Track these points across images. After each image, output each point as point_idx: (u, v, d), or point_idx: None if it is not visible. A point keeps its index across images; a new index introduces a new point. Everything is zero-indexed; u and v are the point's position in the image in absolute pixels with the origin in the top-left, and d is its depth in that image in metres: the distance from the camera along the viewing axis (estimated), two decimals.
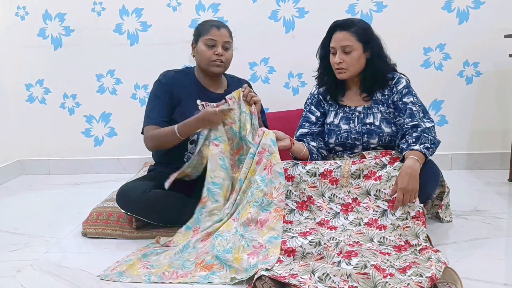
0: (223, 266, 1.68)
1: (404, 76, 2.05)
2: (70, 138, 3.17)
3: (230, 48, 2.11)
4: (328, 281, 1.51)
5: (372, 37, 2.00)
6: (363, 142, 2.03)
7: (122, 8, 2.99)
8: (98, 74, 3.09)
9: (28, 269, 1.78)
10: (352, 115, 2.06)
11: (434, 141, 1.92)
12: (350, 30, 1.97)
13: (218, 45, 2.05)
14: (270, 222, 1.79)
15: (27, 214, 2.41)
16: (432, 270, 1.52)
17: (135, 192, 2.01)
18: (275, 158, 1.89)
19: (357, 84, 2.07)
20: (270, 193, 1.85)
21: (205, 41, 2.06)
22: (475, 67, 2.88)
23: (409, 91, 2.00)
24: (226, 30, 2.09)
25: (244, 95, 2.03)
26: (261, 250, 1.71)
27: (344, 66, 1.98)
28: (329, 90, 2.11)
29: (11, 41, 3.08)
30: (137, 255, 1.83)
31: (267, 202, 1.84)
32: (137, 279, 1.67)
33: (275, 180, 1.86)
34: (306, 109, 2.17)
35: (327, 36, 2.04)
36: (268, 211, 1.83)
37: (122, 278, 1.67)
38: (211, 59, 2.05)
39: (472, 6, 2.81)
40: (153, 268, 1.72)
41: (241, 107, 2.04)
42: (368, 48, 1.98)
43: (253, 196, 1.85)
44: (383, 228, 1.82)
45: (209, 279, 1.64)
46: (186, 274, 1.68)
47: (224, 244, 1.76)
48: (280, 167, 1.88)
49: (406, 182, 1.80)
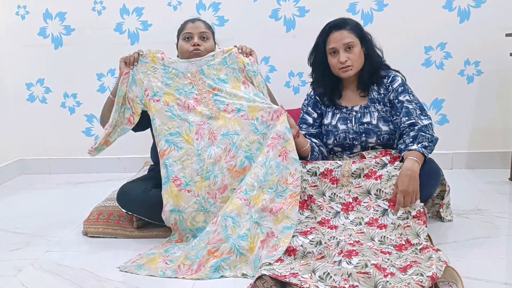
0: (234, 251, 1.70)
1: (399, 74, 2.05)
2: (70, 137, 3.17)
3: (209, 38, 2.12)
4: (329, 280, 1.51)
5: (364, 33, 2.05)
6: (362, 141, 2.03)
7: (123, 7, 2.99)
8: (98, 73, 3.09)
9: (29, 268, 1.78)
10: (349, 115, 2.06)
11: (432, 139, 1.91)
12: (346, 28, 1.99)
13: (194, 36, 2.08)
14: (285, 209, 1.80)
15: (27, 213, 2.42)
16: (433, 269, 1.51)
17: (135, 192, 2.02)
18: (290, 145, 1.90)
19: (354, 82, 2.08)
20: (285, 179, 1.86)
21: (183, 36, 2.11)
22: (476, 66, 2.88)
23: (404, 89, 2.00)
24: (201, 23, 2.12)
25: (239, 47, 2.08)
26: (272, 239, 1.73)
27: (349, 64, 1.99)
28: (327, 94, 2.11)
29: (11, 40, 3.08)
30: (160, 249, 1.87)
31: (281, 189, 1.85)
32: (154, 272, 1.71)
33: (291, 166, 1.88)
34: (303, 110, 2.17)
35: (321, 39, 2.04)
36: (284, 197, 1.84)
37: (140, 271, 1.72)
38: (189, 50, 2.08)
39: (473, 5, 2.81)
40: (172, 263, 1.75)
41: (230, 61, 2.06)
42: (363, 43, 2.02)
43: (267, 182, 1.84)
44: (383, 227, 1.82)
45: (220, 272, 1.67)
46: (199, 267, 1.69)
47: (238, 230, 1.75)
48: (295, 153, 1.89)
49: (407, 184, 1.80)
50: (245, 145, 1.93)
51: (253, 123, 1.95)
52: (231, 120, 1.97)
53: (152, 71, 2.02)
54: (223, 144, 1.94)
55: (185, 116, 1.98)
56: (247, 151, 1.93)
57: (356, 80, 2.07)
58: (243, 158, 1.93)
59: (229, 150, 1.94)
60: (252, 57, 2.07)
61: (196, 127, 1.97)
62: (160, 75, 2.02)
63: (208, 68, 2.05)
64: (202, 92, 2.01)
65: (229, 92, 2.02)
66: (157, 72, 2.02)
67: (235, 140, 1.94)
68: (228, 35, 2.83)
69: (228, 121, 1.96)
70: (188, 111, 1.99)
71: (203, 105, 2.00)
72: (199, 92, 2.02)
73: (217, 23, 2.94)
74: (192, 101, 2.00)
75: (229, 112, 1.98)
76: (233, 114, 1.97)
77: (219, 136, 1.95)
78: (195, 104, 2.00)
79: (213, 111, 1.98)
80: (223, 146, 1.94)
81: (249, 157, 1.93)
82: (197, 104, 2.00)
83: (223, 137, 1.95)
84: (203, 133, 1.97)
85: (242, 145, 1.93)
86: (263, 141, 1.94)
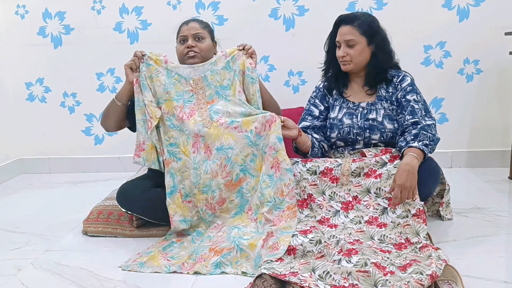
0: (234, 246, 1.73)
1: (409, 74, 2.05)
2: (70, 137, 3.17)
3: (205, 38, 2.10)
4: (329, 279, 1.51)
5: (376, 31, 2.02)
6: (365, 137, 2.03)
7: (122, 7, 2.99)
8: (98, 73, 3.09)
9: (28, 268, 1.78)
10: (355, 111, 2.07)
11: (433, 138, 1.92)
12: (353, 24, 1.99)
13: (188, 38, 2.07)
14: (285, 223, 1.82)
15: (27, 213, 2.42)
16: (433, 268, 1.52)
17: (135, 191, 2.02)
18: (281, 155, 1.89)
19: (362, 78, 2.08)
20: (281, 191, 1.87)
21: (178, 40, 2.12)
22: (475, 64, 2.88)
23: (413, 88, 2.01)
24: (195, 23, 2.11)
25: (241, 45, 2.05)
26: (271, 238, 1.75)
27: (348, 59, 2.01)
28: (332, 81, 2.12)
29: (11, 39, 3.08)
30: (158, 247, 1.89)
31: (279, 201, 1.87)
32: (158, 269, 1.73)
33: (284, 177, 1.88)
34: (310, 102, 2.17)
35: (333, 30, 2.06)
36: (281, 209, 1.85)
37: (143, 268, 1.73)
38: (183, 52, 2.07)
39: (473, 3, 2.81)
40: (174, 259, 1.78)
41: (233, 65, 2.03)
42: (372, 41, 2.00)
43: (264, 196, 1.87)
44: (383, 226, 1.82)
45: (221, 268, 1.69)
46: (200, 260, 1.73)
47: (241, 234, 1.80)
48: (287, 163, 1.89)
49: (404, 178, 1.80)
50: (240, 160, 1.95)
51: (247, 135, 1.95)
52: (224, 133, 1.95)
53: (156, 74, 1.98)
54: (219, 159, 1.94)
55: (182, 127, 1.97)
56: (242, 165, 1.95)
57: (363, 76, 2.08)
58: (239, 171, 1.95)
59: (224, 166, 1.94)
60: (252, 60, 2.04)
61: (192, 140, 1.97)
62: (162, 79, 1.98)
63: (212, 74, 2.03)
64: (200, 103, 2.00)
65: (226, 104, 2.00)
66: (160, 75, 1.98)
67: (230, 155, 1.94)
68: (228, 34, 2.83)
69: (221, 134, 1.95)
70: (182, 122, 1.97)
71: (198, 114, 1.99)
72: (197, 102, 2.00)
73: (217, 22, 2.94)
74: (188, 110, 1.99)
75: (222, 124, 1.96)
76: (226, 125, 1.95)
77: (214, 151, 1.95)
78: (190, 114, 1.98)
79: (206, 122, 1.98)
80: (218, 162, 1.94)
81: (244, 169, 1.96)
82: (191, 115, 1.99)
83: (218, 152, 1.94)
84: (199, 147, 1.97)
85: (238, 160, 1.94)
86: (257, 152, 1.95)
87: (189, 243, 1.90)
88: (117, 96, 2.03)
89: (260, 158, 1.94)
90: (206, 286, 1.62)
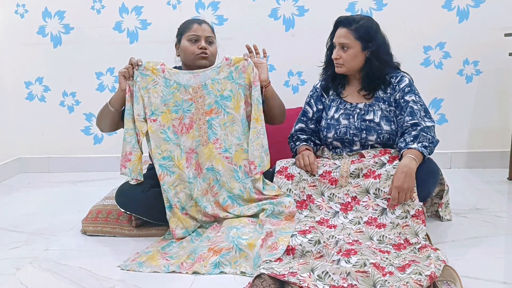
0: (233, 246, 1.73)
1: (407, 75, 2.05)
2: (69, 136, 3.17)
3: (214, 43, 2.10)
4: (328, 279, 1.51)
5: (373, 37, 1.98)
6: (361, 138, 2.03)
7: (122, 6, 2.99)
8: (97, 72, 3.08)
9: (27, 267, 1.78)
10: (352, 112, 2.06)
11: (432, 140, 1.92)
12: (350, 27, 1.97)
13: (201, 39, 2.04)
14: (283, 225, 1.84)
15: (26, 212, 2.42)
16: (432, 268, 1.52)
17: (134, 191, 2.01)
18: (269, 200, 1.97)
19: (359, 80, 2.08)
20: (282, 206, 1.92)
21: (188, 37, 2.05)
22: (475, 65, 2.88)
23: (411, 89, 2.00)
24: (207, 26, 2.10)
25: (247, 55, 1.99)
26: (270, 238, 1.75)
27: (340, 62, 2.00)
28: (329, 81, 2.12)
29: (10, 39, 3.08)
30: (156, 247, 1.89)
31: (278, 212, 1.91)
32: (157, 269, 1.72)
33: (284, 200, 1.93)
34: (306, 101, 2.18)
35: (332, 30, 2.07)
36: (280, 219, 1.89)
37: (142, 268, 1.73)
38: (196, 53, 2.03)
39: (472, 4, 2.81)
40: (173, 259, 1.78)
41: (236, 76, 1.98)
42: (368, 47, 1.98)
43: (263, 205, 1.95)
44: (382, 227, 1.82)
45: (220, 268, 1.69)
46: (199, 260, 1.73)
47: (240, 234, 1.80)
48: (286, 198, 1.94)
49: (402, 180, 1.80)
50: (228, 187, 1.99)
51: (236, 169, 1.98)
52: (216, 157, 1.97)
53: (153, 85, 1.94)
54: (207, 179, 1.99)
55: (178, 141, 1.97)
56: (230, 192, 1.99)
57: (360, 79, 2.06)
58: (226, 197, 1.99)
59: (212, 186, 2.00)
60: (256, 75, 1.96)
61: (186, 154, 1.97)
62: (160, 90, 1.95)
63: (213, 83, 1.98)
64: (198, 113, 1.97)
65: (225, 120, 1.98)
66: (158, 86, 1.95)
67: (218, 178, 1.99)
68: (227, 34, 2.83)
69: (213, 157, 1.97)
70: (181, 135, 1.97)
71: (196, 129, 1.98)
72: (196, 111, 1.98)
73: (216, 22, 2.94)
74: (188, 121, 1.97)
75: (217, 148, 1.98)
76: (219, 151, 1.98)
77: (204, 170, 1.99)
78: (189, 126, 1.97)
79: (203, 140, 1.98)
80: (207, 181, 2.00)
81: (232, 197, 1.99)
82: (190, 127, 1.98)
83: (207, 172, 1.99)
84: (190, 163, 1.98)
85: (225, 186, 1.99)
86: (244, 190, 1.98)
87: (188, 243, 1.90)
88: (110, 101, 2.00)
89: (248, 196, 1.98)
90: (205, 286, 1.62)
